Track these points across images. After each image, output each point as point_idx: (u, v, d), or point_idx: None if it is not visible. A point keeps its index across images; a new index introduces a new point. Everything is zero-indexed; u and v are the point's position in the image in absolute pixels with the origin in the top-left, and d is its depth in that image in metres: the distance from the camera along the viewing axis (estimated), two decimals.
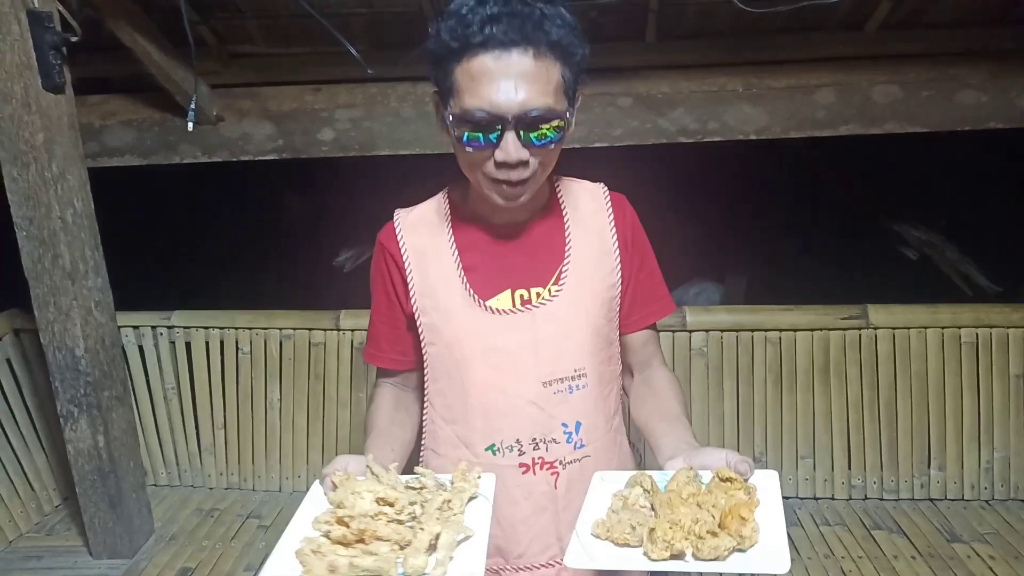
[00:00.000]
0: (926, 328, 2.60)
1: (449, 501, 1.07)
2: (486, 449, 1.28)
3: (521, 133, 1.09)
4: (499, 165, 1.12)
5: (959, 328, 2.59)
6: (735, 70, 2.73)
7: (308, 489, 1.15)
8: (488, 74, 1.07)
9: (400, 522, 1.04)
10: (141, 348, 2.88)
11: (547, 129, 1.10)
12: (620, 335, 1.38)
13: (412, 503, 1.07)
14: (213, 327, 2.86)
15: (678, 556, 0.96)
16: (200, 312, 2.90)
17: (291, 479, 2.85)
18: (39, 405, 2.80)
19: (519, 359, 1.25)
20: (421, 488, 1.12)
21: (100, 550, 2.50)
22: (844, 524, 2.50)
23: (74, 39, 2.09)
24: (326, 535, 1.01)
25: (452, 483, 1.13)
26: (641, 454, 1.50)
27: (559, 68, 1.10)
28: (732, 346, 2.67)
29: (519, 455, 1.27)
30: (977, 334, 2.59)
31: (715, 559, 0.94)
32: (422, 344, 1.31)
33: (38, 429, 2.81)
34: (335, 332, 2.81)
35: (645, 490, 1.08)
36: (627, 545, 1.00)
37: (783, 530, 0.97)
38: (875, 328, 2.61)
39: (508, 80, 1.07)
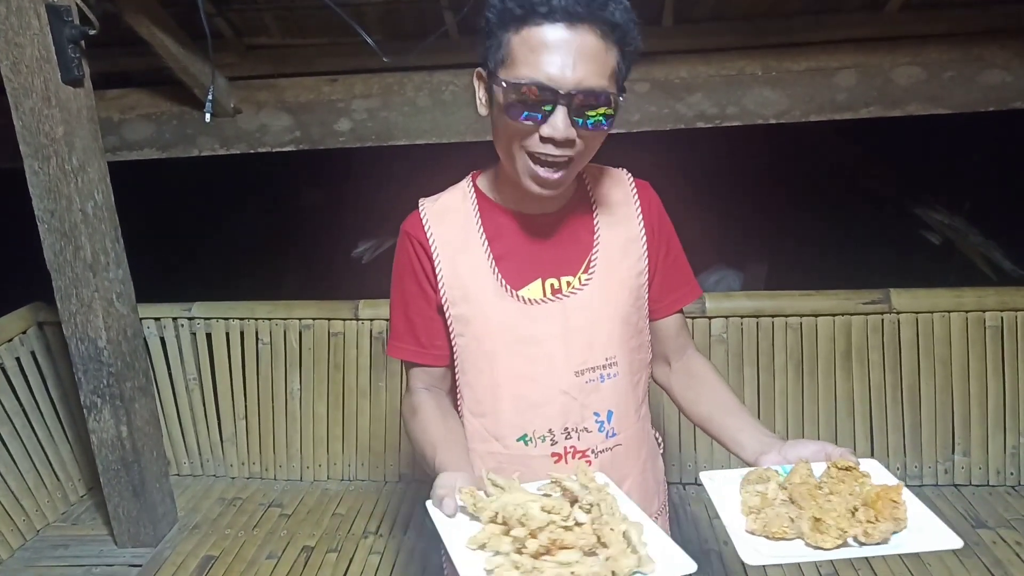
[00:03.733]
0: (950, 312, 2.57)
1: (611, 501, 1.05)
2: (518, 440, 1.27)
3: (572, 111, 1.07)
4: (544, 140, 1.09)
5: (983, 312, 2.56)
6: (754, 53, 2.71)
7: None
8: (547, 46, 1.05)
9: (568, 528, 1.00)
10: (163, 339, 2.90)
11: (598, 112, 1.08)
12: (652, 321, 1.37)
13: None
14: (233, 318, 2.88)
15: (844, 544, 0.97)
16: (220, 303, 2.92)
17: (312, 468, 2.87)
18: (63, 397, 2.84)
19: (552, 349, 1.24)
20: (566, 493, 1.08)
21: (125, 539, 2.53)
22: None
23: (92, 32, 2.10)
24: (519, 551, 0.96)
25: (586, 486, 1.09)
26: (660, 442, 1.49)
27: (616, 52, 1.08)
28: (752, 332, 2.65)
29: (551, 444, 1.26)
30: (1002, 318, 2.55)
31: (882, 543, 0.95)
32: (451, 336, 1.29)
33: (62, 420, 2.84)
34: (354, 322, 2.82)
35: (780, 486, 1.07)
36: (784, 538, 0.99)
37: (927, 510, 0.99)
38: (898, 313, 2.58)
39: (568, 55, 1.04)
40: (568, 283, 1.26)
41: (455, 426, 1.31)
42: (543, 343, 1.24)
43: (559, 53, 1.04)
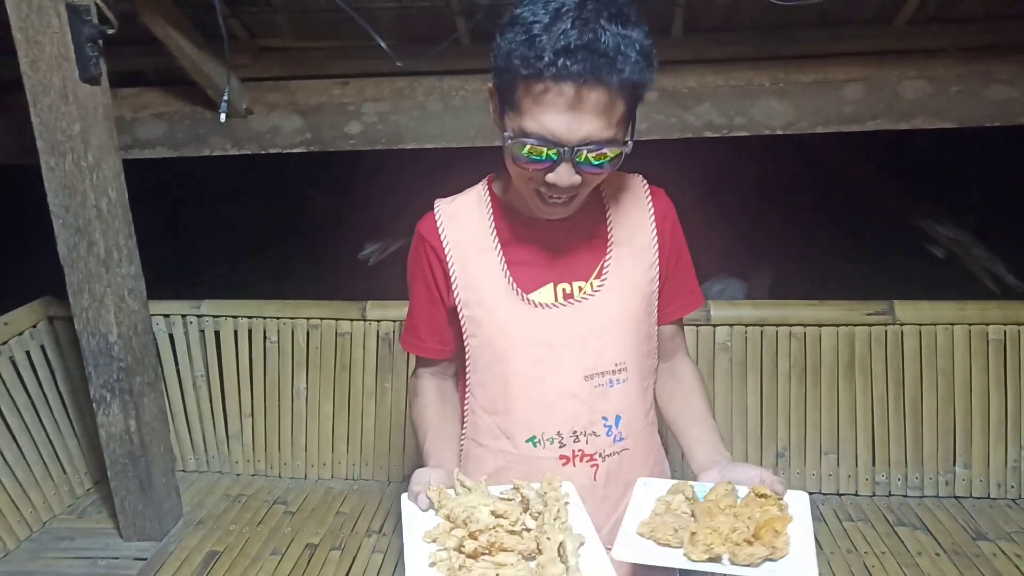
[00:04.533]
0: (953, 325, 2.58)
1: (559, 511, 1.10)
2: (527, 441, 1.29)
3: (577, 161, 1.08)
4: (549, 186, 1.13)
5: (987, 325, 2.56)
6: (762, 64, 2.72)
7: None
8: (554, 104, 1.04)
9: (514, 532, 1.06)
10: (171, 336, 2.92)
11: (604, 159, 1.09)
12: None
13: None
14: (242, 316, 2.91)
15: (715, 559, 1.04)
16: (229, 302, 2.94)
17: (316, 467, 2.89)
18: (71, 391, 2.86)
19: (562, 353, 1.27)
20: (523, 499, 1.14)
21: (130, 533, 2.55)
22: (868, 520, 2.49)
23: (110, 31, 2.13)
24: (458, 550, 1.02)
25: (545, 494, 1.15)
26: (666, 446, 1.51)
27: (625, 102, 1.07)
28: (756, 341, 2.66)
29: (559, 447, 1.29)
30: (1005, 331, 2.56)
31: (749, 565, 1.02)
32: (464, 336, 1.32)
33: (70, 414, 2.86)
34: (361, 322, 2.84)
35: (687, 498, 1.14)
36: (668, 545, 1.07)
37: (812, 544, 1.07)
38: (901, 324, 2.59)
39: (575, 113, 1.04)
40: (580, 288, 1.28)
41: (450, 413, 1.39)
42: (553, 347, 1.27)
43: (565, 113, 1.04)
